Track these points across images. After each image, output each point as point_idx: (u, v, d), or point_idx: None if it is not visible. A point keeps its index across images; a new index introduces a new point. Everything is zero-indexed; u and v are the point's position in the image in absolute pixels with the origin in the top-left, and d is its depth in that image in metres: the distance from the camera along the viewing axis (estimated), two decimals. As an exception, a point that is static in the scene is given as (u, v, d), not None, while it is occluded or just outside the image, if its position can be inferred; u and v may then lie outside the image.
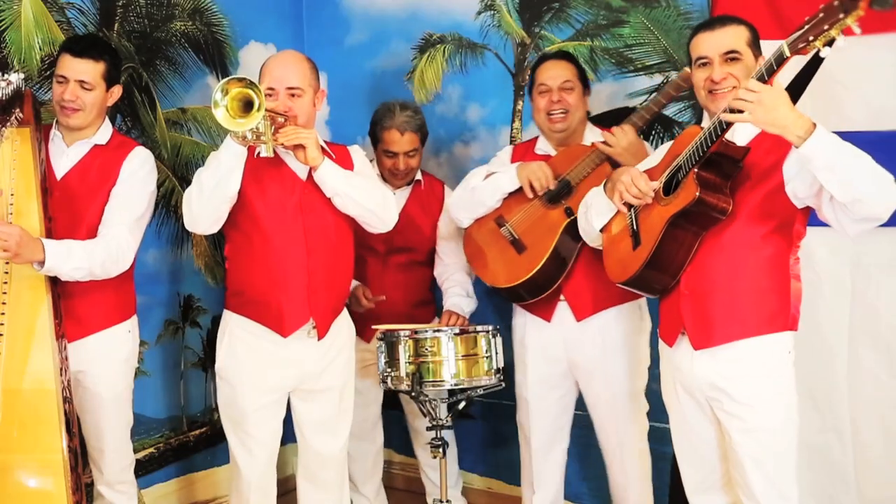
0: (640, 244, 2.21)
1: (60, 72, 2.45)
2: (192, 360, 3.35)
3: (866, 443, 2.63)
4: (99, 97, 2.48)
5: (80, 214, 2.45)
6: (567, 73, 2.75)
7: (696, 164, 2.05)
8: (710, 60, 2.13)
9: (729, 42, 2.12)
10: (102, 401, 2.54)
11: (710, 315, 2.12)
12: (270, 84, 2.52)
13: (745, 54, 2.12)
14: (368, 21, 3.74)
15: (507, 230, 2.79)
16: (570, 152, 2.75)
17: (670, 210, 2.10)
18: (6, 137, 2.36)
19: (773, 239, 2.09)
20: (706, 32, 2.17)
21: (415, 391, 2.64)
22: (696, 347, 2.14)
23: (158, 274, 3.19)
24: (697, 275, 2.14)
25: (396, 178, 3.07)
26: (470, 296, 3.03)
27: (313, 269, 2.54)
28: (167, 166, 3.20)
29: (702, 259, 2.13)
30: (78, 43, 2.51)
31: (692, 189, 2.04)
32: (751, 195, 2.07)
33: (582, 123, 2.82)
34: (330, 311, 2.62)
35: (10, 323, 2.25)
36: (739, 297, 2.09)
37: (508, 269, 2.76)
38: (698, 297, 2.14)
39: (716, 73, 2.12)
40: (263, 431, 2.63)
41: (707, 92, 2.15)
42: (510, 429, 3.12)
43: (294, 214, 2.52)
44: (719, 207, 2.05)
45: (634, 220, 2.26)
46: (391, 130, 3.01)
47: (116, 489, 2.64)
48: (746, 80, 1.91)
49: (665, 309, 2.27)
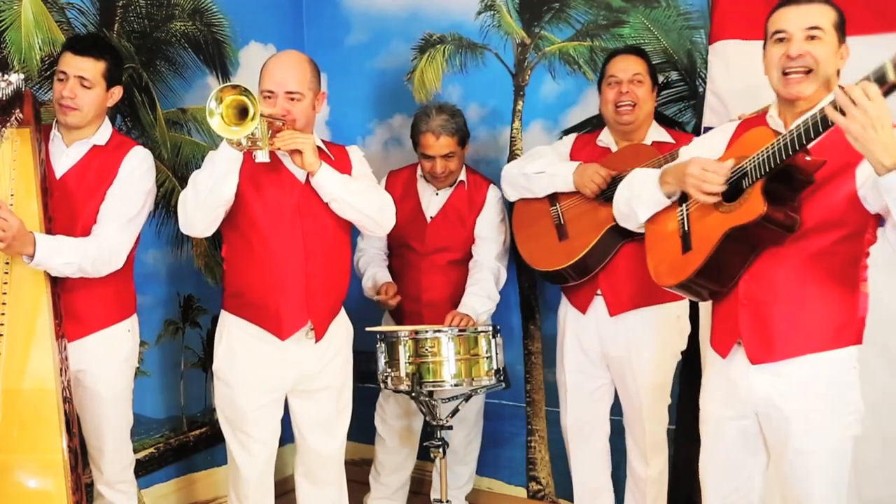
0: (692, 249, 2.02)
1: (61, 68, 2.45)
2: (192, 360, 3.35)
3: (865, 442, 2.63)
4: (98, 96, 2.48)
5: (77, 214, 2.45)
6: (638, 66, 2.76)
7: (766, 175, 1.84)
8: (790, 35, 1.92)
9: (814, 18, 1.91)
10: (102, 400, 2.53)
11: (771, 327, 1.94)
12: (269, 87, 2.51)
13: (829, 36, 1.91)
14: (368, 21, 3.75)
15: (556, 211, 2.84)
16: (633, 150, 2.74)
17: (730, 222, 1.91)
18: (6, 138, 2.36)
19: (844, 247, 1.91)
20: (790, 6, 1.95)
21: (415, 391, 2.65)
22: (754, 362, 1.97)
23: (158, 274, 3.19)
24: (758, 283, 1.96)
25: (437, 180, 3.09)
26: (490, 297, 3.02)
27: (311, 271, 2.54)
28: (167, 166, 3.20)
29: (763, 267, 1.95)
30: (80, 41, 2.51)
31: (758, 204, 1.84)
32: (819, 201, 1.88)
33: (648, 119, 2.82)
34: (328, 312, 2.62)
35: (10, 323, 2.25)
36: (805, 310, 1.92)
37: (546, 254, 2.83)
38: (758, 308, 1.96)
39: (793, 48, 1.90)
40: (262, 431, 2.63)
41: (781, 73, 1.94)
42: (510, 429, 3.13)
43: (292, 217, 2.52)
44: (786, 224, 1.86)
45: (686, 221, 2.07)
46: (427, 134, 3.02)
47: (116, 489, 2.64)
48: (863, 81, 1.64)
49: (719, 316, 2.10)
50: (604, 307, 2.79)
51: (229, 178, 2.39)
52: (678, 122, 3.03)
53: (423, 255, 3.09)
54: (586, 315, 2.84)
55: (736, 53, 2.72)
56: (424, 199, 3.16)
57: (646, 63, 2.79)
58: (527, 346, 3.40)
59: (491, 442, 3.46)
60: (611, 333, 2.80)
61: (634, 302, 2.74)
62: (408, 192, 3.19)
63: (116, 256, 2.45)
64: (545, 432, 3.40)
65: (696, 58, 2.98)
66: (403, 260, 3.16)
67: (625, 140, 2.82)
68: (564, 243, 2.80)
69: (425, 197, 3.16)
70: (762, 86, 2.55)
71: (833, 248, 1.90)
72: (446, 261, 3.09)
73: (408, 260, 3.13)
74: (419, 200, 3.16)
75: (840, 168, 1.86)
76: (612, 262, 2.74)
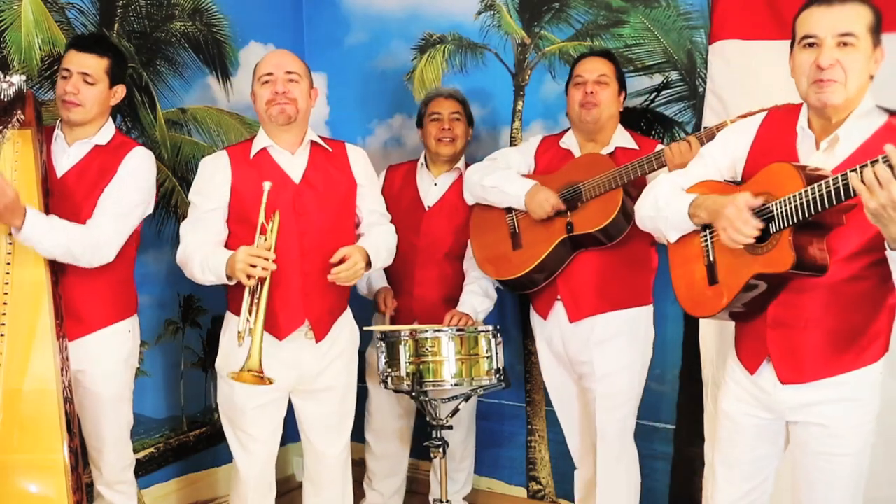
0: (718, 283, 2.00)
1: (65, 66, 2.47)
2: (192, 361, 3.35)
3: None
4: (101, 92, 2.48)
5: (77, 213, 2.44)
6: (604, 68, 2.79)
7: (796, 223, 1.79)
8: (821, 41, 1.80)
9: (847, 22, 1.79)
10: (102, 400, 2.54)
11: (801, 351, 1.92)
12: (268, 70, 2.56)
13: (863, 41, 1.80)
14: (368, 21, 3.75)
15: (512, 219, 2.87)
16: (593, 160, 2.74)
17: (758, 267, 1.88)
18: (7, 139, 2.36)
19: (873, 271, 1.86)
20: (821, 7, 1.82)
21: (415, 391, 2.65)
22: (784, 382, 1.96)
23: (158, 274, 3.19)
24: (786, 309, 1.93)
25: (442, 144, 3.10)
26: (488, 296, 3.04)
27: (308, 270, 2.54)
28: (167, 166, 3.20)
29: (793, 294, 1.91)
30: (84, 39, 2.55)
31: (787, 257, 1.80)
32: (849, 230, 1.83)
33: (612, 122, 2.83)
34: (326, 312, 2.62)
35: (11, 323, 2.25)
36: (836, 334, 1.90)
37: (499, 262, 2.88)
38: (788, 331, 1.94)
39: (824, 58, 1.78)
40: (261, 430, 2.63)
41: (810, 82, 1.83)
42: (510, 429, 3.13)
43: (287, 216, 2.51)
44: (816, 267, 1.82)
45: (711, 250, 2.03)
46: (437, 98, 3.16)
47: (116, 489, 2.64)
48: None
49: (746, 333, 2.07)
50: (564, 313, 2.80)
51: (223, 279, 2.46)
52: (678, 122, 3.03)
53: (419, 247, 3.09)
54: (548, 321, 2.87)
55: (736, 53, 2.72)
56: (423, 189, 3.17)
57: (613, 66, 2.81)
58: (527, 346, 3.40)
59: (491, 442, 3.47)
60: (571, 339, 2.82)
61: (594, 307, 2.75)
62: (406, 183, 3.20)
63: (107, 247, 2.43)
64: (545, 432, 3.40)
65: (696, 58, 2.98)
66: (398, 253, 3.13)
67: (589, 141, 2.84)
68: (518, 252, 2.83)
69: (423, 187, 3.17)
70: (762, 85, 2.57)
71: (863, 273, 1.87)
72: (441, 254, 3.09)
73: (402, 253, 3.09)
74: (417, 191, 3.17)
75: None
76: (570, 268, 2.76)
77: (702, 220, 2.02)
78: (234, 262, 2.37)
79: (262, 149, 2.59)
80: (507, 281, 2.87)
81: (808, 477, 2.00)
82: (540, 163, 2.92)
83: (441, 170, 3.17)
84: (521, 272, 2.79)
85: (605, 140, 2.81)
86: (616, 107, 2.81)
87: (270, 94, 2.54)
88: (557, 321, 2.83)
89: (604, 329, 2.76)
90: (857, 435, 1.95)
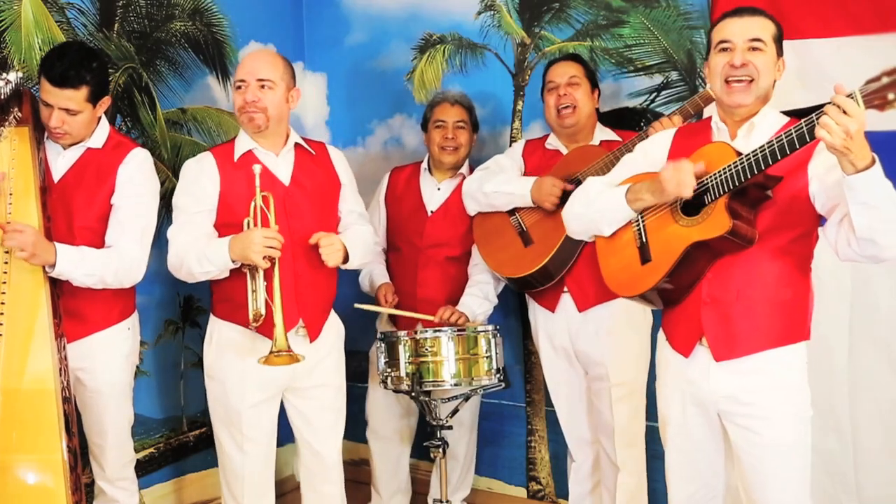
0: (651, 261, 2.10)
1: (44, 97, 2.38)
2: (192, 361, 3.35)
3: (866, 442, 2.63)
4: (87, 116, 2.44)
5: (74, 216, 2.45)
6: (573, 69, 2.85)
7: (731, 191, 1.93)
8: (734, 46, 2.02)
9: (756, 30, 2.02)
10: (103, 396, 2.54)
11: (733, 325, 2.02)
12: (241, 76, 2.56)
13: (769, 48, 2.02)
14: (368, 21, 3.75)
15: (516, 220, 2.88)
16: (584, 152, 2.79)
17: (695, 236, 1.99)
18: (4, 137, 2.36)
19: (796, 247, 2.01)
20: (733, 18, 2.06)
21: (415, 391, 2.64)
22: (718, 359, 2.04)
23: (158, 274, 3.16)
24: (719, 283, 2.04)
25: (445, 152, 3.10)
26: (488, 299, 3.04)
27: (300, 271, 2.55)
28: (167, 166, 3.20)
29: (723, 267, 2.03)
30: (55, 69, 2.34)
31: (724, 221, 1.93)
32: (775, 204, 1.98)
33: (591, 120, 2.88)
34: (319, 312, 2.64)
35: (10, 323, 2.24)
36: (763, 307, 2.01)
37: (515, 261, 2.85)
38: (720, 307, 2.03)
39: (737, 58, 2.00)
40: (257, 431, 2.62)
41: (724, 80, 2.03)
42: (510, 429, 3.13)
43: (278, 218, 2.50)
44: (748, 238, 1.96)
45: (643, 233, 2.14)
46: (442, 104, 3.16)
47: (118, 485, 2.64)
48: (850, 93, 1.73)
49: (678, 317, 2.15)
50: (572, 304, 2.83)
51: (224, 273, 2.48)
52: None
53: (421, 249, 3.09)
54: (556, 313, 2.88)
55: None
56: (426, 193, 3.17)
57: (582, 67, 2.88)
58: (527, 346, 3.39)
59: (491, 442, 3.46)
60: (579, 329, 2.84)
61: (601, 296, 2.75)
62: (409, 187, 3.21)
63: (138, 269, 2.50)
64: (545, 432, 3.40)
65: (696, 58, 2.98)
66: (401, 254, 3.16)
67: (572, 142, 2.89)
68: (531, 248, 2.84)
69: (427, 191, 3.17)
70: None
71: (788, 248, 2.00)
72: (444, 256, 3.09)
73: (405, 254, 3.13)
74: (421, 195, 3.17)
75: (792, 170, 1.95)
76: (576, 260, 2.78)
77: (644, 202, 2.11)
78: (245, 245, 2.37)
79: (247, 150, 2.59)
80: (528, 276, 2.82)
81: (748, 471, 2.05)
82: (528, 164, 2.96)
83: (445, 175, 3.17)
84: (541, 263, 2.77)
85: (588, 139, 2.88)
86: (592, 105, 2.87)
87: (241, 101, 2.54)
88: (565, 313, 2.85)
89: (612, 318, 2.77)
90: (789, 425, 2.01)
